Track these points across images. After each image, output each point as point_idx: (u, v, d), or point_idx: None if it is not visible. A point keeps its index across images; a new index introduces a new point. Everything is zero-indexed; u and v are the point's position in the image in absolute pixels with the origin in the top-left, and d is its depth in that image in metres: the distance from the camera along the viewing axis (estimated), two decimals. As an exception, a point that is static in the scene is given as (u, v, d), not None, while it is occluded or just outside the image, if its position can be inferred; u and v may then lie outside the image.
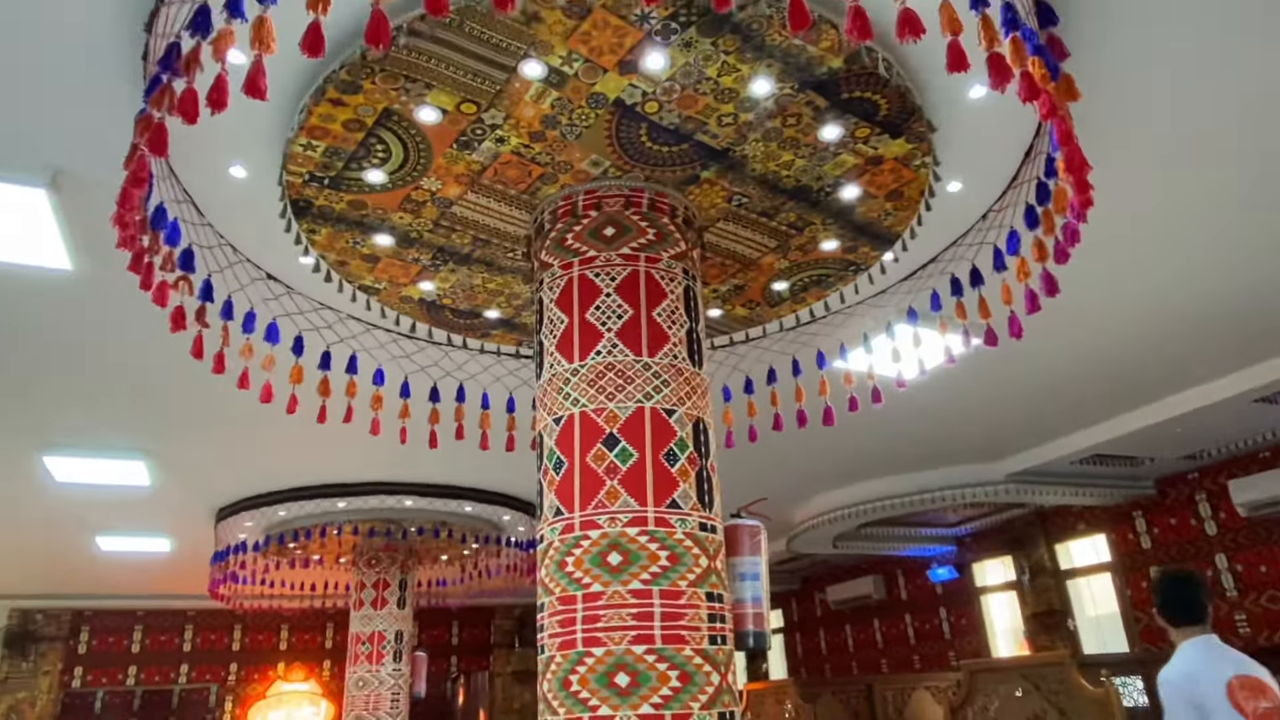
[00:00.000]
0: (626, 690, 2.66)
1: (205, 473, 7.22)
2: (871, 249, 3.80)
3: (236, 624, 13.92)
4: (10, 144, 3.23)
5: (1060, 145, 2.53)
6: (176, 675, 13.52)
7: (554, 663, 2.81)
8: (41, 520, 8.26)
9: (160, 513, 8.26)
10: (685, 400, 3.09)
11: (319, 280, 3.94)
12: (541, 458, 3.16)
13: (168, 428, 6.17)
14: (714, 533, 3.00)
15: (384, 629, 8.67)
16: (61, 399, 5.55)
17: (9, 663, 12.51)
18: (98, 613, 13.25)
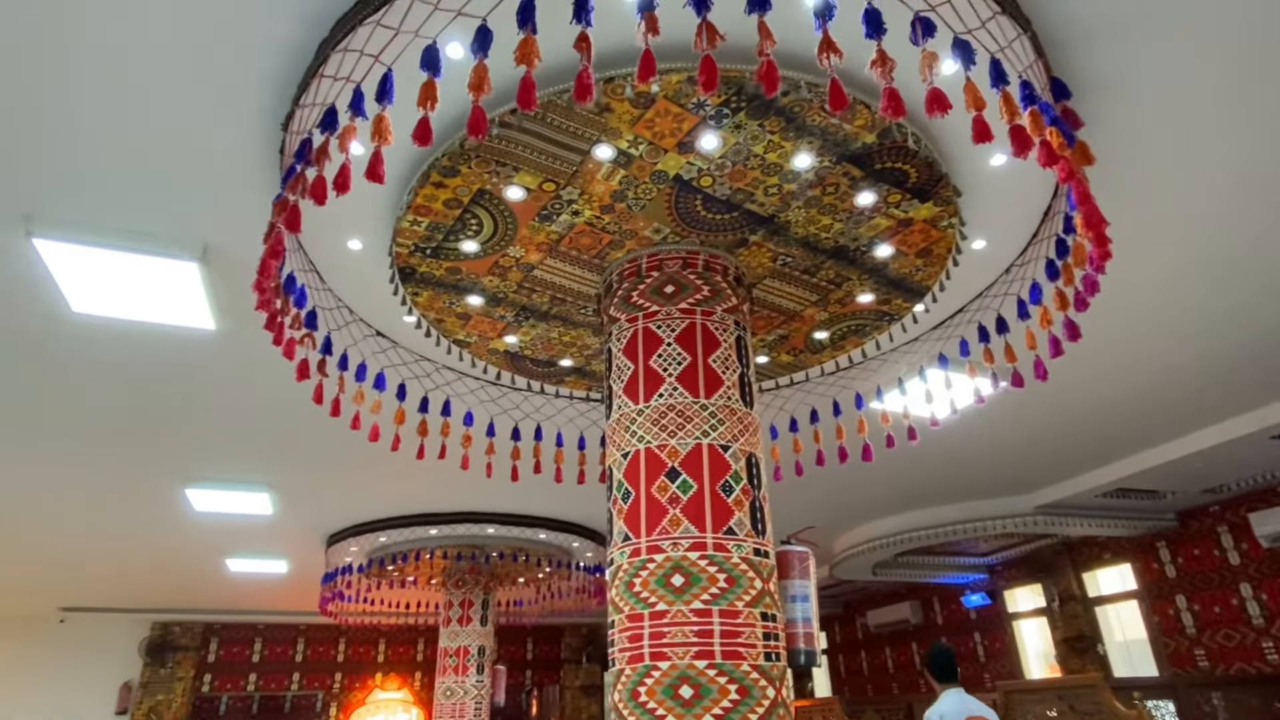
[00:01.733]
0: (690, 702, 2.59)
1: (319, 503, 7.38)
2: (904, 301, 3.74)
3: (341, 638, 14.06)
4: (169, 226, 3.44)
5: (1078, 205, 2.47)
6: (289, 683, 13.65)
7: (624, 675, 2.76)
8: (181, 545, 8.54)
9: (280, 538, 8.46)
10: (739, 437, 3.06)
11: (420, 336, 4.06)
12: (611, 489, 3.15)
13: (289, 464, 6.36)
14: (767, 557, 2.94)
15: (469, 644, 8.64)
16: (202, 440, 5.77)
17: (150, 669, 12.81)
18: (225, 626, 13.54)
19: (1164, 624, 8.42)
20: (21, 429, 5.45)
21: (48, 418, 5.29)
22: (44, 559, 8.99)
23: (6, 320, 4.10)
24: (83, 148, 3.00)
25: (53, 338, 4.27)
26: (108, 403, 5.10)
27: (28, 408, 5.14)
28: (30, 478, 6.38)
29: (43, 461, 6.06)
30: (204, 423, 5.48)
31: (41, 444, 5.72)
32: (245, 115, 2.88)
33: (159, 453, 5.99)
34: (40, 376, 4.72)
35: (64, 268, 3.62)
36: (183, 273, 3.68)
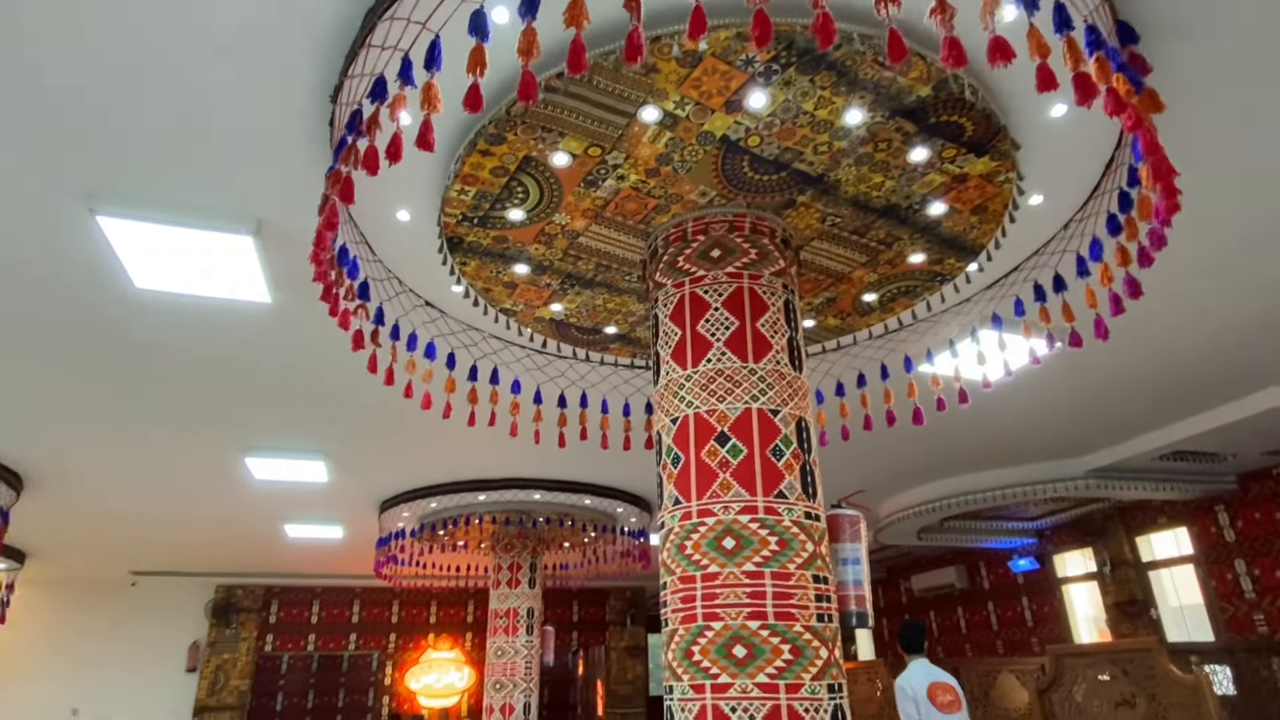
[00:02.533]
0: (743, 661, 2.62)
1: (372, 470, 7.59)
2: (957, 260, 3.65)
3: (395, 600, 14.55)
4: (223, 201, 3.51)
5: (1146, 155, 2.36)
6: (346, 643, 14.21)
7: (677, 635, 2.80)
8: (242, 511, 8.88)
9: (335, 505, 8.74)
10: (788, 401, 3.04)
11: (467, 305, 4.10)
12: (660, 454, 3.17)
13: (344, 432, 6.53)
14: (818, 521, 2.93)
15: (518, 606, 8.86)
16: (261, 409, 5.96)
17: (215, 630, 13.45)
18: (285, 589, 14.11)
19: (1221, 588, 8.22)
20: (90, 403, 5.69)
21: (114, 391, 5.51)
22: (116, 525, 9.45)
23: (73, 297, 4.25)
24: (139, 126, 3.07)
25: (117, 313, 4.43)
26: (171, 375, 5.29)
27: (96, 382, 5.35)
28: (101, 449, 6.67)
29: (111, 433, 6.33)
30: (262, 393, 5.65)
31: (110, 416, 5.97)
32: (295, 89, 2.90)
33: (220, 422, 6.20)
34: (107, 351, 4.90)
35: (126, 244, 3.73)
36: (238, 247, 3.76)
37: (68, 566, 12.00)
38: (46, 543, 10.22)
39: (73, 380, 5.33)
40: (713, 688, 2.62)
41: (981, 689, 8.24)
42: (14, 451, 6.71)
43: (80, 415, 5.94)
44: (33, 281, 4.11)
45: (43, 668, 12.71)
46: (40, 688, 12.57)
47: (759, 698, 2.56)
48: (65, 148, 3.17)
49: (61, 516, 8.81)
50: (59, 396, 5.59)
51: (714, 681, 2.63)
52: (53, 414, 5.90)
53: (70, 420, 6.03)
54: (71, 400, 5.66)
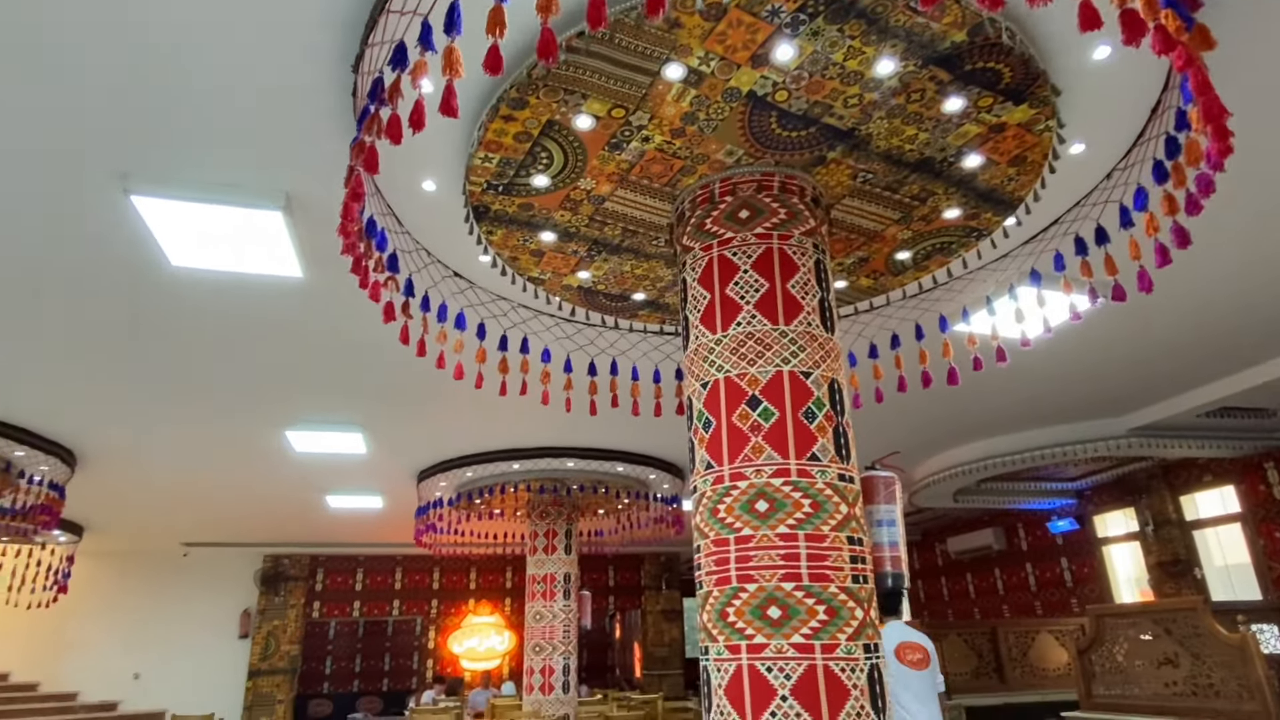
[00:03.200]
0: (778, 622, 2.63)
1: (409, 441, 7.72)
2: (994, 215, 3.54)
3: (435, 567, 14.91)
4: (252, 177, 3.54)
5: (1196, 95, 2.24)
6: (390, 609, 14.63)
7: (712, 597, 2.82)
8: (285, 484, 9.12)
9: (374, 475, 8.92)
10: (820, 363, 3.00)
11: (495, 275, 4.10)
12: (692, 418, 3.15)
13: (380, 405, 6.64)
14: (852, 483, 2.91)
15: (554, 571, 9.01)
16: (298, 383, 6.07)
17: (265, 597, 13.95)
18: (329, 558, 14.54)
19: (1270, 547, 8.03)
20: (134, 381, 5.85)
21: (157, 369, 5.65)
22: (165, 498, 9.78)
23: (112, 277, 4.35)
24: (167, 104, 3.08)
25: (155, 291, 4.52)
26: (210, 351, 5.40)
27: (138, 360, 5.49)
28: (147, 425, 6.88)
29: (156, 410, 6.51)
30: (299, 367, 5.75)
31: (153, 394, 6.13)
32: (315, 61, 2.89)
33: (260, 397, 6.34)
34: (147, 329, 5.02)
35: (160, 223, 3.79)
36: (268, 222, 3.80)
37: (123, 539, 12.49)
38: (102, 516, 10.64)
39: (116, 359, 5.47)
40: (748, 648, 2.63)
41: (1019, 649, 8.20)
42: (66, 430, 6.95)
43: (125, 393, 6.11)
44: (74, 264, 4.20)
45: (105, 636, 13.33)
46: (105, 655, 13.20)
47: (794, 658, 2.57)
48: (98, 129, 3.21)
49: (114, 491, 9.14)
50: (104, 375, 5.75)
51: (749, 642, 2.64)
52: (99, 393, 6.09)
53: (116, 398, 6.22)
54: (117, 378, 5.82)
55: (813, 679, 2.54)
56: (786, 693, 2.53)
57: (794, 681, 2.54)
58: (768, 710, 2.54)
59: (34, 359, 5.45)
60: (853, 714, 2.53)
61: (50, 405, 6.35)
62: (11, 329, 4.97)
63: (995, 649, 8.14)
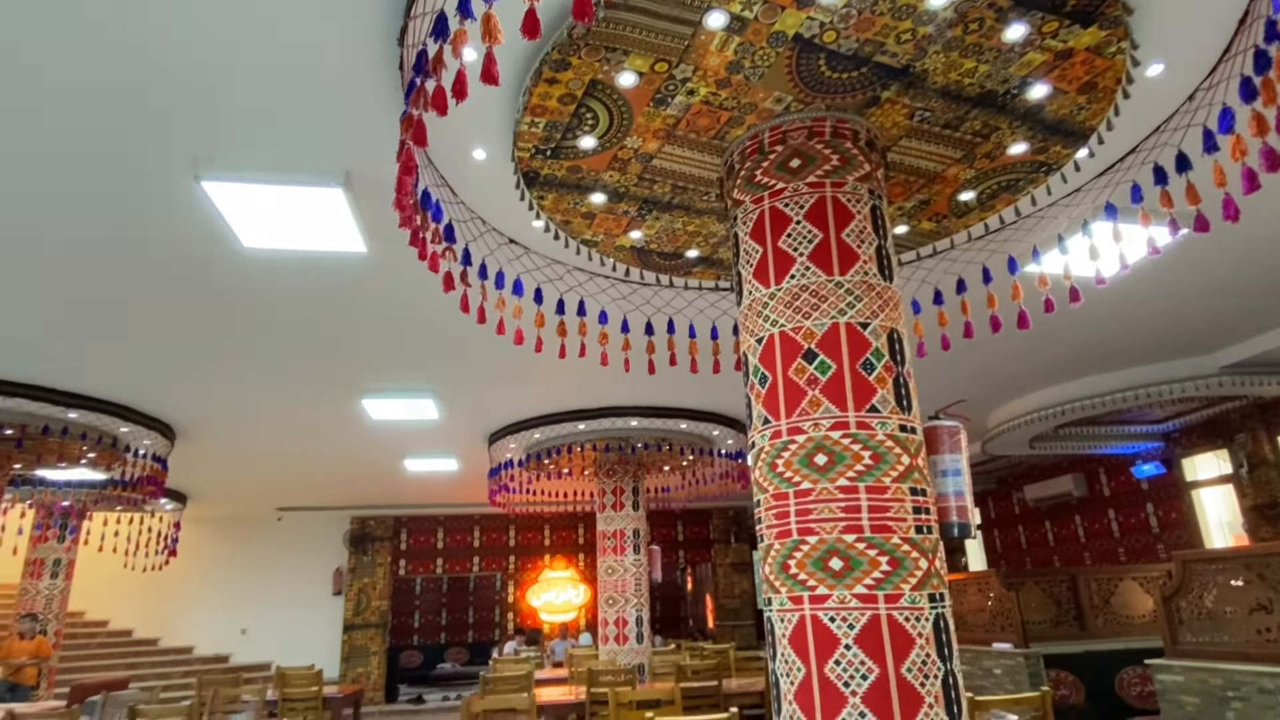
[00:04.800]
0: (840, 573, 2.64)
1: (478, 405, 7.96)
2: (1064, 147, 3.35)
3: (511, 525, 15.45)
4: (313, 156, 3.64)
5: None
6: (471, 565, 15.27)
7: (773, 549, 2.84)
8: (366, 449, 9.56)
9: (447, 439, 9.25)
10: (878, 313, 2.93)
11: (549, 239, 4.13)
12: (748, 374, 3.15)
13: (449, 371, 6.85)
14: (914, 434, 2.86)
15: (623, 527, 9.20)
16: (370, 353, 6.32)
17: (355, 557, 14.76)
18: (412, 518, 15.22)
19: (1381, 487, 7.52)
20: (217, 358, 6.20)
21: (238, 346, 5.97)
22: (257, 467, 10.40)
23: (190, 261, 4.58)
24: (230, 90, 3.20)
25: (231, 273, 4.74)
26: (286, 327, 5.66)
27: (220, 339, 5.81)
28: (234, 399, 7.29)
29: (241, 384, 6.89)
30: (369, 338, 5.97)
31: (237, 369, 6.48)
32: (366, 38, 2.93)
33: (335, 369, 6.63)
34: (225, 309, 5.29)
35: (230, 207, 3.96)
36: (330, 200, 3.92)
37: (223, 506, 13.38)
38: (202, 485, 11.40)
39: (200, 339, 5.80)
40: (811, 599, 2.66)
41: (1102, 597, 7.98)
42: (162, 406, 7.44)
43: (213, 371, 6.48)
44: (153, 254, 4.45)
45: (213, 595, 14.40)
46: (213, 612, 14.29)
47: (857, 608, 2.58)
48: (166, 119, 3.35)
49: (211, 461, 9.76)
50: (194, 355, 6.11)
51: (812, 593, 2.66)
52: (190, 371, 6.48)
53: (206, 376, 6.60)
54: (205, 357, 6.17)
55: (876, 628, 2.55)
56: (850, 641, 2.56)
57: (857, 630, 2.56)
58: (832, 658, 2.57)
59: (129, 343, 5.83)
60: (918, 661, 2.54)
61: (148, 384, 6.79)
62: (106, 317, 5.32)
63: (1075, 597, 7.94)
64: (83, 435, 7.16)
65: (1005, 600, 7.78)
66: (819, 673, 2.58)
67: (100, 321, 5.45)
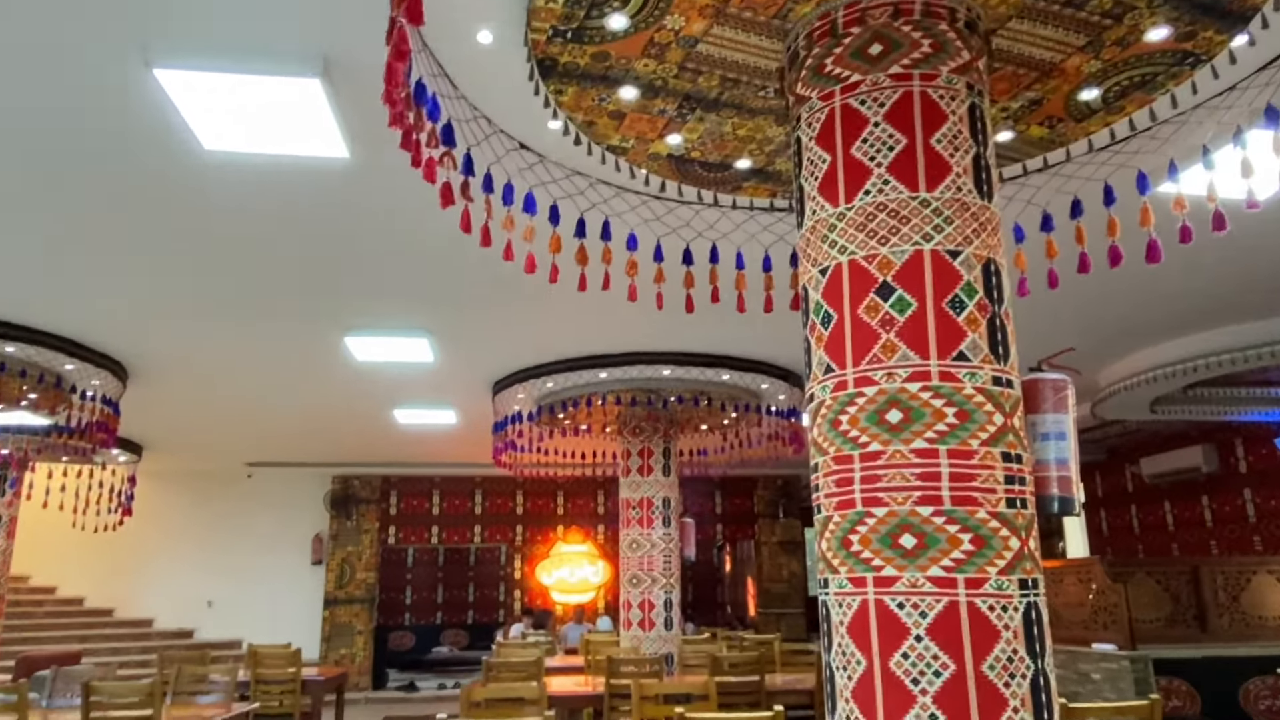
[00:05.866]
0: (913, 552, 2.66)
1: (480, 347, 8.06)
2: (1217, 32, 3.20)
3: (518, 490, 15.79)
4: (284, 39, 3.63)
5: None
6: (471, 535, 15.71)
7: (832, 522, 2.87)
8: (349, 396, 9.76)
9: (444, 387, 9.41)
10: (972, 239, 2.88)
11: (568, 145, 4.09)
12: (808, 313, 3.13)
13: (446, 305, 6.92)
14: (1010, 387, 2.84)
15: (652, 495, 9.36)
16: (354, 282, 6.40)
17: (337, 521, 15.26)
18: (403, 479, 15.63)
19: None
20: (176, 283, 6.31)
21: (199, 268, 6.07)
22: (223, 415, 10.69)
23: (144, 167, 4.64)
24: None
25: (191, 181, 4.80)
26: (255, 249, 5.74)
27: (179, 259, 5.91)
28: (196, 333, 7.45)
29: (203, 315, 7.03)
30: (352, 263, 6.03)
31: (198, 297, 6.61)
32: (343, -114, 2.88)
33: (313, 299, 6.73)
34: (185, 224, 5.37)
35: (189, 100, 3.99)
36: (306, 92, 3.93)
37: (184, 459, 13.82)
38: (160, 434, 11.77)
39: (156, 260, 5.91)
40: (875, 581, 2.69)
41: (1230, 593, 7.96)
42: (113, 340, 7.64)
43: (170, 297, 6.62)
44: (100, 159, 4.50)
45: (175, 562, 15.03)
46: (176, 581, 14.94)
47: (932, 593, 2.61)
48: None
49: (169, 407, 10.06)
50: (146, 280, 6.24)
51: (877, 574, 2.69)
52: (142, 298, 6.62)
53: (161, 304, 6.75)
54: (159, 281, 6.30)
55: (954, 617, 2.58)
56: (921, 632, 2.59)
57: (931, 619, 2.59)
58: (899, 650, 2.61)
59: (77, 267, 5.96)
60: (1002, 658, 2.57)
61: (97, 315, 6.97)
62: (47, 235, 5.43)
63: (1197, 592, 7.94)
64: (22, 372, 7.40)
65: (1110, 593, 7.80)
66: (883, 667, 2.63)
67: (40, 240, 5.56)
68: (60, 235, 5.50)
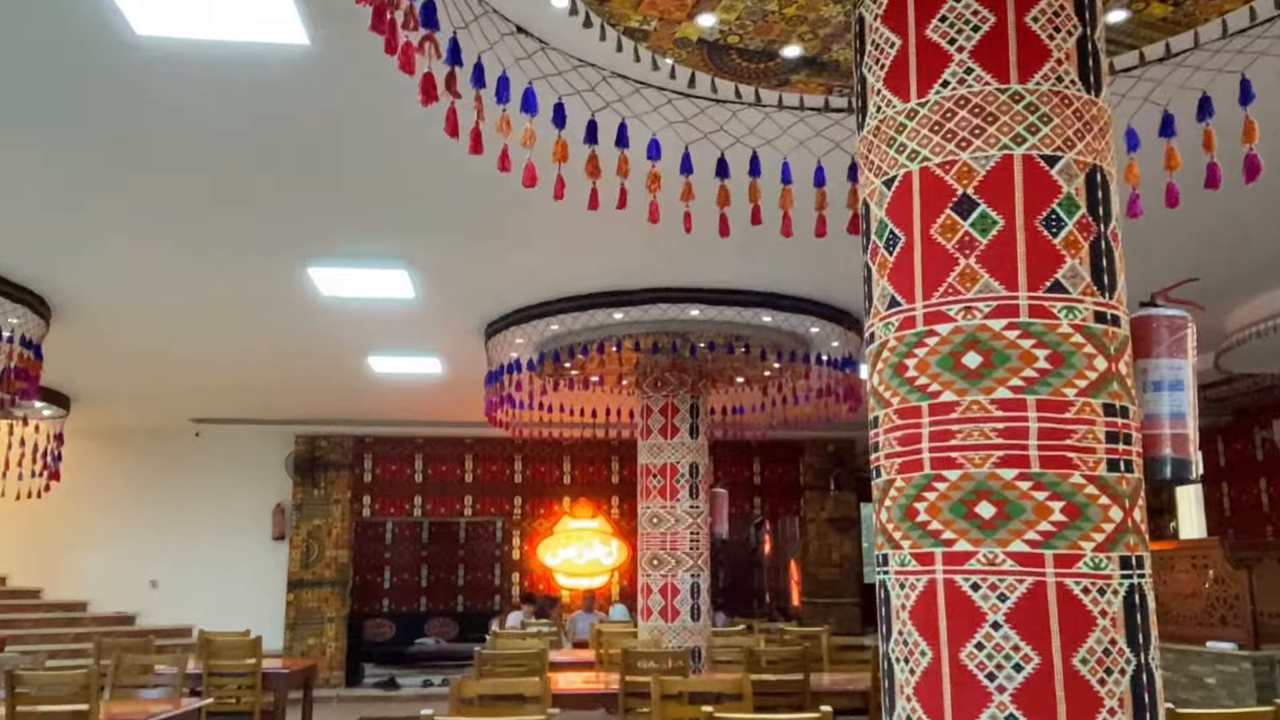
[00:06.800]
0: (991, 523, 2.67)
1: (470, 282, 8.06)
2: (1392, -119, 3.09)
3: (516, 454, 15.95)
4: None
5: None
6: (461, 507, 15.94)
7: (893, 487, 2.88)
8: (313, 338, 9.84)
9: (428, 329, 9.45)
10: (1075, 142, 2.84)
11: (576, 28, 4.03)
12: (869, 235, 3.12)
13: (428, 230, 6.92)
14: (1116, 325, 2.82)
15: (676, 460, 9.41)
16: (317, 198, 6.39)
17: (301, 489, 15.52)
18: (379, 440, 15.84)
19: None
20: (107, 197, 6.33)
21: (134, 181, 6.08)
22: (169, 363, 10.83)
23: (61, 55, 4.62)
24: None
25: (118, 74, 4.78)
26: (198, 155, 5.73)
27: (108, 170, 5.91)
28: (131, 263, 7.50)
29: (141, 242, 7.07)
30: (314, 175, 6.02)
31: (134, 216, 6.64)
32: None
33: (269, 220, 6.74)
34: (114, 125, 5.36)
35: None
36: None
37: (120, 414, 14.05)
38: (91, 384, 11.95)
39: (79, 172, 5.93)
40: (945, 557, 2.70)
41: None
42: (31, 269, 7.71)
43: (97, 218, 6.66)
44: (8, 47, 4.48)
45: (114, 535, 15.37)
46: (115, 557, 15.28)
47: (1014, 571, 2.62)
48: None
49: (102, 351, 10.19)
50: (66, 194, 6.26)
51: (948, 549, 2.70)
52: (64, 219, 6.65)
53: (87, 226, 6.79)
54: (83, 198, 6.33)
55: (1040, 600, 2.59)
56: (1000, 618, 2.61)
57: (1011, 603, 2.60)
58: (972, 640, 2.63)
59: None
60: (1097, 650, 2.58)
61: (10, 238, 7.01)
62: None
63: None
64: (-75, 308, 7.50)
65: (1231, 582, 7.83)
66: (952, 659, 2.65)
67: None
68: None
